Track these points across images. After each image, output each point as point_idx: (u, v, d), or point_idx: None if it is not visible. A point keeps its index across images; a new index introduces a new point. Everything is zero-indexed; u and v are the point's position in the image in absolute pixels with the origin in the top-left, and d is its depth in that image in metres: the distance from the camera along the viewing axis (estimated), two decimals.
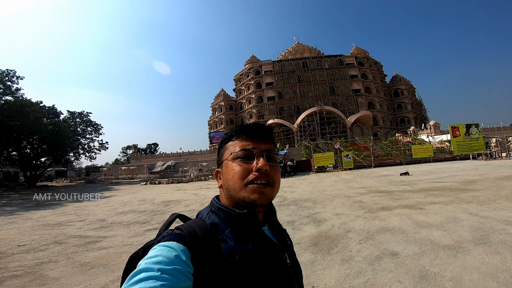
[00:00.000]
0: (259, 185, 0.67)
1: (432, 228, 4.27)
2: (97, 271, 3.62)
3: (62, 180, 41.54)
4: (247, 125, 0.76)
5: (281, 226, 0.82)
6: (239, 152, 0.71)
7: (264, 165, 0.69)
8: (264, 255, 0.65)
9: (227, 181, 0.70)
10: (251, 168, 0.69)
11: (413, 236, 3.93)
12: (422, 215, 5.19)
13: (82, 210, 9.77)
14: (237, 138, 0.75)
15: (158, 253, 0.55)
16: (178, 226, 0.65)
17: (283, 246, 0.74)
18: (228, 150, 0.74)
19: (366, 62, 54.76)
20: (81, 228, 6.57)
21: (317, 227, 4.99)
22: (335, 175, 17.78)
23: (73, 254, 4.42)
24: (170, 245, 0.58)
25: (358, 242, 3.83)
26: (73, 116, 36.24)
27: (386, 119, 53.41)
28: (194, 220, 0.70)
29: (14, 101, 22.67)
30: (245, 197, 0.67)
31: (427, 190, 8.72)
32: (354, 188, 10.66)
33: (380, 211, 5.93)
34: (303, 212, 6.57)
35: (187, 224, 0.66)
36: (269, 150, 0.74)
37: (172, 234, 0.62)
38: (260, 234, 0.68)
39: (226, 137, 0.78)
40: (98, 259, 4.10)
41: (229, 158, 0.72)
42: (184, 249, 0.58)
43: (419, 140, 29.09)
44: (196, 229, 0.63)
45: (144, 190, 18.54)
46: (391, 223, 4.75)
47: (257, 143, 0.73)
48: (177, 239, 0.60)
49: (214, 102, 59.87)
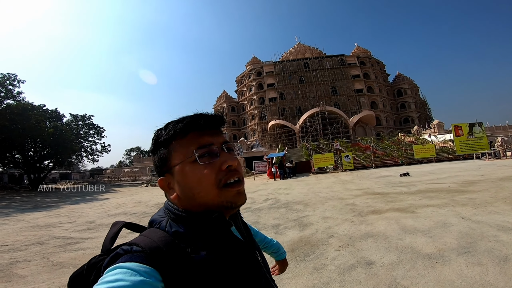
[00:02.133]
0: (235, 185, 0.60)
1: (417, 234, 4.07)
2: (65, 271, 3.67)
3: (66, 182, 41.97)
4: (193, 117, 0.62)
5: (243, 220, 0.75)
6: (198, 152, 0.59)
7: (233, 160, 0.61)
8: (238, 259, 0.60)
9: (190, 190, 0.59)
10: (218, 168, 0.60)
11: (395, 243, 3.73)
12: (411, 220, 4.99)
13: (76, 212, 9.75)
14: (184, 135, 0.62)
15: (120, 277, 0.44)
16: (134, 241, 0.54)
17: (252, 244, 0.70)
18: (177, 152, 0.61)
19: (368, 62, 54.23)
20: (68, 229, 6.53)
21: (301, 231, 4.82)
22: (334, 176, 17.53)
23: (49, 254, 4.46)
24: (132, 267, 0.47)
25: (336, 249, 3.66)
26: (75, 119, 36.59)
27: (389, 118, 52.80)
28: (151, 230, 0.58)
29: (16, 104, 22.95)
30: (224, 201, 0.60)
31: (424, 191, 8.48)
32: (350, 190, 10.44)
33: (370, 215, 5.74)
34: (291, 215, 6.40)
35: (145, 237, 0.55)
36: (226, 141, 0.65)
37: (132, 251, 0.51)
38: (231, 237, 0.62)
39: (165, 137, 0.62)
40: (71, 260, 4.13)
41: (186, 161, 0.60)
42: (150, 270, 0.48)
43: (421, 140, 28.60)
44: (159, 243, 0.53)
45: (143, 192, 18.54)
46: (376, 228, 4.56)
47: (213, 137, 0.63)
48: (138, 259, 0.49)
49: (216, 104, 59.91)
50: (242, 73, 57.56)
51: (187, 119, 0.62)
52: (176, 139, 0.62)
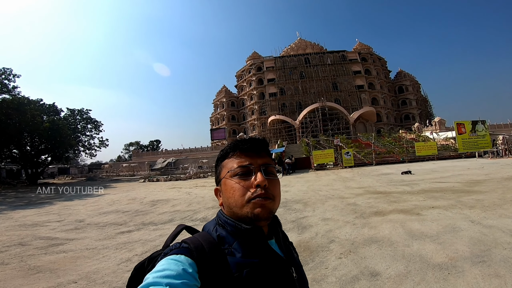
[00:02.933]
0: (260, 199, 0.66)
1: (425, 240, 3.76)
2: (41, 276, 3.39)
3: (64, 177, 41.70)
4: (242, 141, 0.75)
5: (287, 238, 0.82)
6: (236, 169, 0.70)
7: (262, 180, 0.68)
8: (271, 269, 0.64)
9: (227, 199, 0.70)
10: (250, 185, 0.68)
11: (402, 250, 3.43)
12: (418, 223, 4.68)
13: (67, 209, 9.45)
14: (233, 155, 0.74)
15: (166, 266, 0.55)
16: (185, 239, 0.65)
17: (290, 260, 0.73)
18: (225, 167, 0.74)
19: (370, 58, 53.63)
20: (55, 229, 6.23)
21: (300, 234, 4.51)
22: (334, 173, 17.24)
23: (29, 257, 4.19)
24: (178, 258, 0.57)
25: (338, 257, 3.35)
26: (73, 114, 36.24)
27: (390, 115, 52.38)
28: (201, 233, 0.69)
29: (12, 99, 22.52)
30: (248, 212, 0.66)
31: (428, 191, 8.18)
32: (351, 188, 10.15)
33: (373, 217, 5.43)
34: (290, 216, 6.10)
35: (194, 237, 0.66)
36: (267, 164, 0.73)
37: (180, 247, 0.62)
38: (267, 248, 0.68)
39: (221, 155, 0.77)
40: (50, 263, 3.85)
41: (227, 176, 0.71)
42: (191, 262, 0.58)
43: (423, 137, 28.26)
44: (203, 243, 0.63)
45: (140, 188, 18.26)
46: (381, 232, 4.25)
47: (253, 158, 0.72)
48: (184, 252, 0.60)
49: (216, 99, 59.42)
50: (242, 68, 56.94)
51: (235, 142, 0.75)
52: (226, 158, 0.75)
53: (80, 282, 3.14)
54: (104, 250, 4.34)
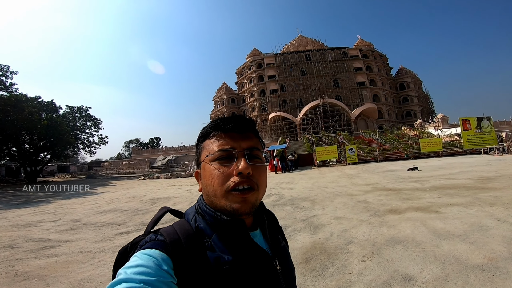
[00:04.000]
0: (241, 192, 0.60)
1: (454, 239, 3.42)
2: (27, 284, 3.06)
3: (64, 175, 41.34)
4: (225, 119, 0.67)
5: (276, 224, 0.77)
6: (216, 153, 0.63)
7: (245, 167, 0.60)
8: (252, 265, 0.60)
9: (206, 187, 0.63)
10: (231, 172, 0.61)
11: (431, 251, 3.08)
12: (440, 221, 4.33)
13: (64, 208, 9.10)
14: (214, 135, 0.65)
15: (140, 262, 0.51)
16: (161, 231, 0.60)
17: (275, 251, 0.68)
18: (205, 150, 0.66)
19: (371, 55, 53.10)
20: (49, 229, 5.87)
21: (313, 235, 4.16)
22: (338, 170, 16.90)
23: (17, 261, 3.83)
24: (152, 253, 0.53)
25: (361, 259, 3.01)
26: (72, 111, 35.69)
27: (391, 112, 51.97)
28: (180, 222, 0.63)
29: (9, 96, 22.06)
30: (226, 205, 0.60)
31: (440, 188, 7.84)
32: (358, 185, 9.81)
33: (388, 215, 5.09)
34: (299, 214, 5.75)
35: (172, 228, 0.61)
36: (252, 147, 0.65)
37: (155, 240, 0.57)
38: (248, 242, 0.62)
39: (202, 134, 0.69)
40: (39, 269, 3.49)
41: (206, 160, 0.64)
42: (166, 258, 0.54)
43: (427, 133, 27.88)
44: (180, 235, 0.58)
45: (140, 185, 17.91)
46: (402, 232, 3.90)
47: (237, 141, 0.64)
48: (159, 246, 0.55)
49: (216, 96, 58.92)
50: (243, 65, 56.38)
51: (217, 120, 0.67)
52: (207, 138, 0.67)
53: None
54: (100, 254, 3.98)
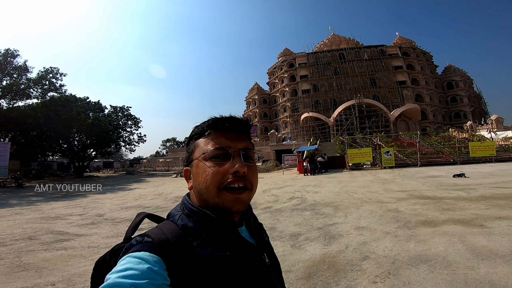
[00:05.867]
0: (235, 191, 0.61)
1: (496, 261, 2.73)
2: (23, 275, 3.15)
3: (108, 171, 44.89)
4: (221, 119, 0.67)
5: (257, 220, 0.77)
6: (212, 152, 0.63)
7: (242, 166, 0.61)
8: (244, 259, 0.60)
9: (198, 184, 0.63)
10: (226, 170, 0.61)
11: (463, 274, 2.46)
12: (483, 237, 3.57)
13: (95, 203, 9.62)
14: (209, 134, 0.66)
15: (129, 265, 0.49)
16: (147, 233, 0.58)
17: (261, 245, 0.70)
18: (199, 148, 0.66)
19: (413, 52, 49.20)
20: (72, 223, 6.16)
21: (326, 246, 3.68)
22: (372, 174, 15.70)
23: (27, 253, 4.01)
24: (141, 256, 0.51)
25: (372, 280, 2.50)
26: (115, 110, 38.51)
27: (437, 113, 47.54)
28: (165, 223, 0.62)
29: (59, 96, 24.43)
30: (219, 203, 0.60)
31: (490, 198, 6.72)
32: (391, 191, 8.89)
33: (421, 227, 4.38)
34: (316, 221, 5.25)
35: (157, 229, 0.59)
36: (247, 148, 0.66)
37: (143, 242, 0.55)
38: (238, 238, 0.63)
39: (196, 132, 0.69)
40: (42, 261, 3.61)
41: (200, 158, 0.64)
42: (157, 259, 0.51)
43: (478, 136, 24.84)
44: (168, 235, 0.56)
45: (170, 183, 18.54)
46: (432, 248, 3.25)
47: (233, 141, 0.65)
48: (148, 248, 0.53)
49: (248, 96, 59.33)
50: (274, 65, 55.98)
51: (213, 119, 0.67)
52: (201, 136, 0.67)
53: (58, 284, 2.84)
54: (105, 250, 3.93)
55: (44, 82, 23.44)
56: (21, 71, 22.03)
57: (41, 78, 23.23)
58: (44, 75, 23.07)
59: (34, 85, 23.24)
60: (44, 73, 23.11)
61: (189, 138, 0.71)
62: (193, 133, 0.69)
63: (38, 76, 23.15)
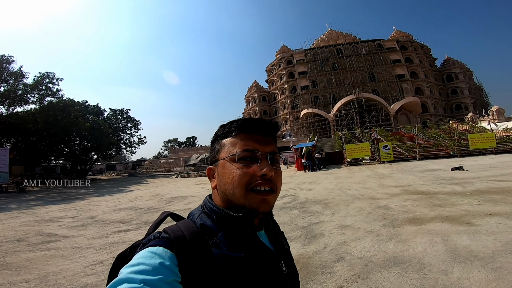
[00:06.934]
0: (263, 193, 0.61)
1: (473, 264, 2.66)
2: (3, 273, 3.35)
3: (110, 173, 45.16)
4: (250, 120, 0.68)
5: (278, 228, 0.75)
6: (240, 153, 0.63)
7: (270, 170, 0.61)
8: (259, 263, 0.59)
9: (224, 184, 0.63)
10: (253, 173, 0.61)
11: (434, 279, 2.39)
12: (467, 236, 3.50)
13: (91, 205, 9.66)
14: (237, 135, 0.66)
15: (141, 260, 0.49)
16: (165, 228, 0.59)
17: (280, 253, 0.68)
18: (226, 148, 0.65)
19: (410, 46, 48.74)
20: (62, 225, 6.23)
21: (304, 246, 3.64)
22: (370, 169, 15.59)
23: (13, 253, 4.17)
24: (155, 250, 0.52)
25: (339, 284, 2.45)
26: (115, 113, 38.59)
27: (438, 105, 47.10)
28: (184, 221, 0.62)
29: (57, 101, 24.52)
30: (246, 204, 0.60)
31: (485, 192, 6.62)
32: (386, 187, 8.82)
33: (406, 225, 4.32)
34: (302, 220, 5.21)
35: (176, 226, 0.60)
36: (274, 152, 0.67)
37: (159, 238, 0.56)
38: (255, 240, 0.62)
39: (222, 132, 0.68)
40: (24, 261, 3.79)
41: (228, 158, 0.64)
42: (171, 255, 0.52)
43: (478, 128, 24.56)
44: (185, 232, 0.57)
45: (169, 184, 18.57)
46: (411, 249, 3.19)
47: (261, 144, 0.65)
48: (163, 243, 0.54)
49: (248, 94, 59.21)
50: (272, 62, 55.69)
51: (242, 120, 0.68)
52: (228, 136, 0.66)
53: (32, 282, 3.01)
54: (86, 250, 4.16)
55: (40, 87, 23.51)
56: (17, 77, 22.11)
57: (38, 84, 23.29)
58: (40, 81, 23.14)
59: (31, 91, 23.32)
60: (40, 78, 23.18)
61: (214, 137, 0.70)
62: (220, 132, 0.69)
63: (34, 82, 23.21)
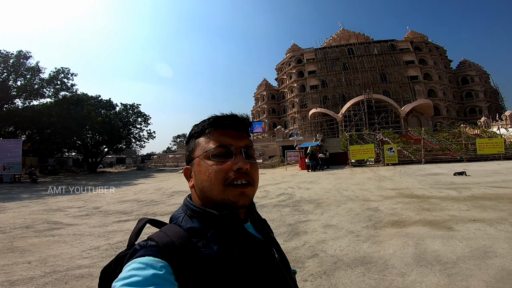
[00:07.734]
0: (240, 186, 0.61)
1: (433, 268, 2.82)
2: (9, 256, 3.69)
3: (120, 166, 46.42)
4: (222, 117, 0.67)
5: (260, 216, 0.75)
6: (214, 150, 0.63)
7: (244, 163, 0.62)
8: (254, 255, 0.59)
9: (201, 182, 0.63)
10: (229, 168, 0.62)
11: (390, 281, 2.57)
12: (440, 241, 3.65)
13: (97, 197, 10.15)
14: (210, 132, 0.66)
15: (133, 272, 0.48)
16: (151, 236, 0.57)
17: (269, 241, 0.69)
18: (200, 146, 0.66)
19: (425, 47, 47.82)
20: (68, 214, 6.67)
21: (286, 242, 3.88)
22: (372, 171, 15.59)
23: (20, 239, 4.56)
24: (146, 261, 0.50)
25: (304, 278, 2.68)
26: (126, 108, 39.59)
27: (451, 108, 46.08)
28: (168, 226, 0.62)
29: (71, 95, 25.45)
30: (225, 199, 0.61)
31: (479, 198, 6.66)
32: (383, 189, 8.91)
33: (387, 228, 4.48)
34: (291, 218, 5.44)
35: (161, 232, 0.58)
36: (248, 146, 0.67)
37: (147, 247, 0.54)
38: (245, 234, 0.62)
39: (196, 130, 0.69)
40: (29, 245, 4.17)
41: (202, 156, 0.64)
42: (163, 264, 0.51)
43: (489, 133, 23.99)
44: (173, 238, 0.55)
45: (174, 178, 19.05)
46: (382, 250, 3.38)
47: (234, 139, 0.66)
48: (152, 252, 0.52)
49: (257, 92, 59.43)
50: (282, 60, 55.71)
51: (214, 117, 0.67)
52: (202, 135, 0.67)
53: (33, 263, 3.37)
54: (86, 237, 4.53)
55: (56, 82, 24.53)
56: (34, 72, 23.17)
57: (53, 78, 24.33)
58: (55, 76, 24.15)
59: (47, 85, 24.35)
60: (55, 73, 24.20)
61: (188, 136, 0.71)
62: (193, 131, 0.70)
63: (50, 77, 24.26)
